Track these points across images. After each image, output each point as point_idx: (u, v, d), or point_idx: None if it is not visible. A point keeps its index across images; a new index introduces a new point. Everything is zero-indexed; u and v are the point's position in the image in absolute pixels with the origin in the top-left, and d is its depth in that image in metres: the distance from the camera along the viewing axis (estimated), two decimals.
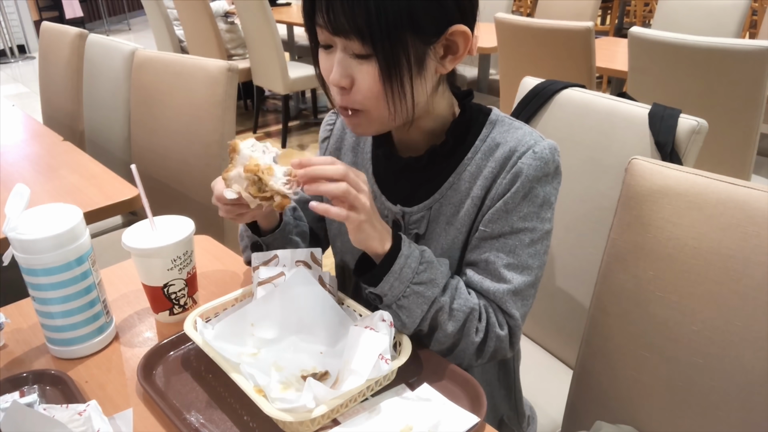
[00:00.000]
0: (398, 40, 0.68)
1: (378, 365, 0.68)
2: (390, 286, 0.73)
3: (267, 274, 0.81)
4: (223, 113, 1.51)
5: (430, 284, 0.74)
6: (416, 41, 0.69)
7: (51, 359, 0.83)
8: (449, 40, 0.72)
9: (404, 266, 0.72)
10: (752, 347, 0.71)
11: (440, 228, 0.82)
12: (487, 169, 0.79)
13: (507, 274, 0.77)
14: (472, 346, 0.77)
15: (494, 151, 0.79)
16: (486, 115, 0.82)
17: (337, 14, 0.67)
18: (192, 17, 3.93)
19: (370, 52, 0.68)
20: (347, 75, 0.71)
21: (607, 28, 5.82)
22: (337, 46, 0.71)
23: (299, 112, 4.71)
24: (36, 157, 1.58)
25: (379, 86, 0.70)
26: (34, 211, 0.79)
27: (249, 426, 0.69)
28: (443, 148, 0.80)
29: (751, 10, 4.34)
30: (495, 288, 0.77)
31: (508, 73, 2.66)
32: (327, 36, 0.71)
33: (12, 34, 7.46)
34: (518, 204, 0.76)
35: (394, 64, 0.69)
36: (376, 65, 0.69)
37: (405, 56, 0.69)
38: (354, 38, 0.68)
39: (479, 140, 0.80)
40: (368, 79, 0.70)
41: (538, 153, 0.76)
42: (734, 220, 0.72)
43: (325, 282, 0.81)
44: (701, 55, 1.82)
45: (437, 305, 0.74)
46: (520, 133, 0.79)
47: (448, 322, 0.75)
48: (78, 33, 2.08)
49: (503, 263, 0.77)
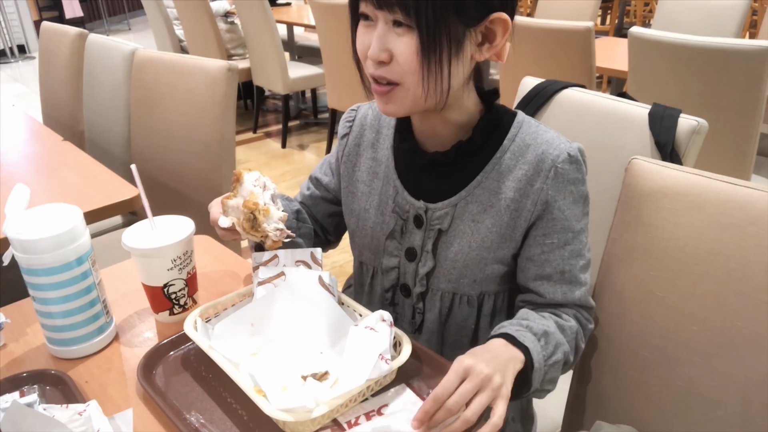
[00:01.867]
0: (441, 16, 0.69)
1: (378, 365, 0.68)
2: (538, 380, 0.74)
3: (267, 274, 0.81)
4: (223, 113, 1.50)
5: (556, 350, 0.76)
6: (457, 22, 0.70)
7: (51, 359, 0.83)
8: (488, 28, 0.73)
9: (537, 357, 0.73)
10: (752, 347, 0.71)
11: (465, 225, 0.82)
12: (518, 171, 0.79)
13: (583, 277, 0.82)
14: (580, 354, 0.84)
15: (524, 153, 0.80)
16: (513, 116, 0.83)
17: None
18: (192, 17, 3.93)
19: (413, 24, 0.69)
20: (386, 49, 0.72)
21: (607, 28, 5.82)
22: (378, 20, 0.72)
23: (299, 112, 4.71)
24: (36, 157, 1.58)
25: (417, 60, 0.71)
26: (34, 211, 0.79)
27: (249, 426, 0.69)
28: (470, 144, 0.81)
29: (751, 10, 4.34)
30: (579, 294, 0.82)
31: (508, 73, 2.66)
32: (371, 8, 0.72)
33: (12, 34, 7.46)
34: (571, 209, 0.79)
35: (434, 40, 0.70)
36: (417, 39, 0.70)
37: (446, 34, 0.70)
38: (398, 10, 0.69)
39: (507, 140, 0.81)
40: (407, 52, 0.71)
41: (573, 157, 0.78)
42: (734, 220, 0.72)
43: (325, 282, 0.81)
44: (701, 55, 1.82)
45: (566, 356, 0.78)
46: (549, 136, 0.80)
47: (572, 357, 0.80)
48: (78, 33, 2.08)
49: (578, 268, 0.81)
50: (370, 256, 0.92)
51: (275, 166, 3.64)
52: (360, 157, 0.92)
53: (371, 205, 0.90)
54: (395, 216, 0.87)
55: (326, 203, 0.99)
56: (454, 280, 0.84)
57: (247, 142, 4.08)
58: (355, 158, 0.93)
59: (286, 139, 3.97)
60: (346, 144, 0.95)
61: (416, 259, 0.86)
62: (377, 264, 0.92)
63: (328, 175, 0.98)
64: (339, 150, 0.96)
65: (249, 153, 3.87)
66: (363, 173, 0.92)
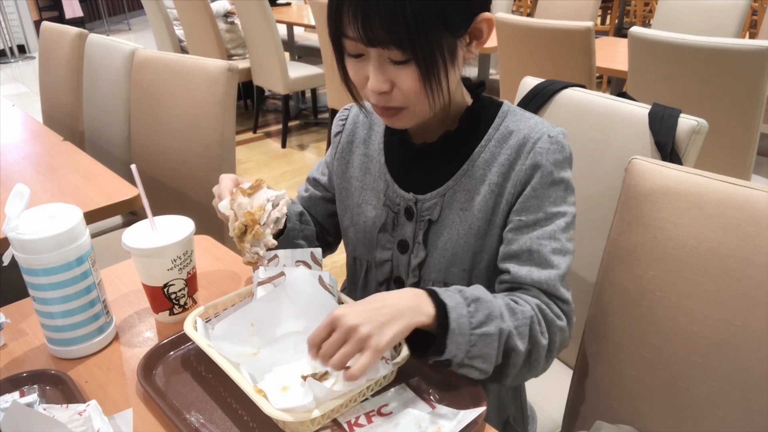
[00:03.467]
0: (434, 42, 0.70)
1: (378, 365, 0.67)
2: (456, 345, 0.68)
3: (267, 274, 0.81)
4: (223, 113, 1.51)
5: (488, 320, 0.70)
6: (448, 37, 0.71)
7: (51, 359, 0.83)
8: (475, 27, 0.75)
9: (459, 319, 0.68)
10: (752, 347, 0.71)
11: (454, 214, 0.83)
12: (502, 156, 0.80)
13: (554, 259, 0.77)
14: (543, 351, 0.75)
15: (508, 139, 0.81)
16: (498, 106, 0.85)
17: (375, 28, 0.68)
18: (192, 17, 3.93)
19: (409, 58, 0.70)
20: (387, 80, 0.73)
21: (607, 28, 5.82)
22: (370, 55, 0.72)
23: (299, 112, 4.71)
24: (36, 157, 1.58)
25: (419, 85, 0.72)
26: (34, 211, 0.79)
27: (249, 426, 0.69)
28: (457, 133, 0.82)
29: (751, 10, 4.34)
30: (546, 276, 0.76)
31: (508, 73, 2.66)
32: (359, 47, 0.72)
33: (12, 34, 7.46)
34: (547, 189, 0.78)
35: (432, 64, 0.71)
36: (416, 68, 0.71)
37: (441, 54, 0.71)
38: (392, 47, 0.69)
39: (492, 128, 0.82)
40: (409, 81, 0.72)
41: (553, 137, 0.78)
42: (734, 220, 0.72)
43: (325, 282, 0.81)
44: (701, 55, 1.82)
45: (504, 334, 0.71)
46: (533, 121, 0.81)
47: (518, 343, 0.72)
48: (78, 33, 2.08)
49: (549, 249, 0.77)
50: (363, 251, 0.93)
51: (275, 166, 3.64)
52: (353, 154, 0.94)
53: (364, 200, 0.91)
54: (387, 209, 0.88)
55: (326, 203, 0.99)
56: (444, 270, 0.85)
57: (247, 142, 4.08)
58: (348, 155, 0.94)
59: (286, 139, 3.97)
60: (339, 142, 0.96)
61: (408, 250, 0.87)
62: (371, 258, 0.92)
63: (325, 175, 0.99)
64: (333, 148, 0.97)
65: (249, 153, 3.87)
66: (356, 169, 0.93)
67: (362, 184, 0.92)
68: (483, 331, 0.69)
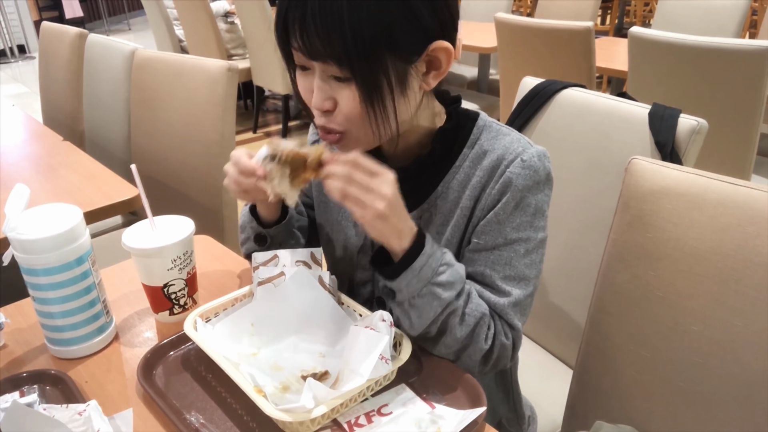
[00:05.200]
0: (377, 62, 0.66)
1: (378, 365, 0.68)
2: (407, 282, 0.70)
3: (267, 274, 0.81)
4: (223, 113, 1.51)
5: (447, 286, 0.71)
6: (396, 61, 0.67)
7: (51, 359, 0.83)
8: (431, 56, 0.70)
9: (425, 265, 0.70)
10: (752, 347, 0.71)
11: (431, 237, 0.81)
12: (475, 179, 0.78)
13: (505, 287, 0.76)
14: (479, 353, 0.75)
15: (482, 160, 0.78)
16: (473, 121, 0.80)
17: (312, 39, 0.65)
18: (192, 17, 3.93)
19: (349, 76, 0.67)
20: (329, 97, 0.70)
21: (607, 28, 5.82)
22: (315, 69, 0.69)
23: (299, 112, 4.70)
24: (36, 157, 1.58)
25: (360, 109, 0.69)
26: (34, 211, 0.79)
27: (249, 426, 0.69)
28: (430, 157, 0.79)
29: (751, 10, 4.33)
30: (495, 300, 0.76)
31: (508, 73, 2.66)
32: (303, 59, 0.69)
33: (12, 34, 7.46)
34: (510, 215, 0.75)
35: (374, 87, 0.67)
36: (356, 89, 0.67)
37: (386, 77, 0.67)
38: (331, 62, 0.66)
39: (467, 147, 0.79)
40: (349, 103, 0.69)
41: (526, 161, 0.74)
42: (734, 220, 0.72)
43: (325, 282, 0.81)
44: (701, 55, 1.82)
45: (450, 308, 0.72)
46: (507, 140, 0.78)
47: (458, 327, 0.73)
48: (78, 33, 2.08)
49: (500, 276, 0.76)
50: (344, 267, 0.91)
51: None
52: None
53: (343, 217, 0.89)
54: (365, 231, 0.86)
55: (309, 209, 0.98)
56: None
57: (247, 142, 4.08)
58: None
59: (286, 139, 3.96)
60: None
61: None
62: (351, 277, 0.91)
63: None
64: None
65: None
66: None
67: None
68: (436, 291, 0.71)
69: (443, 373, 0.75)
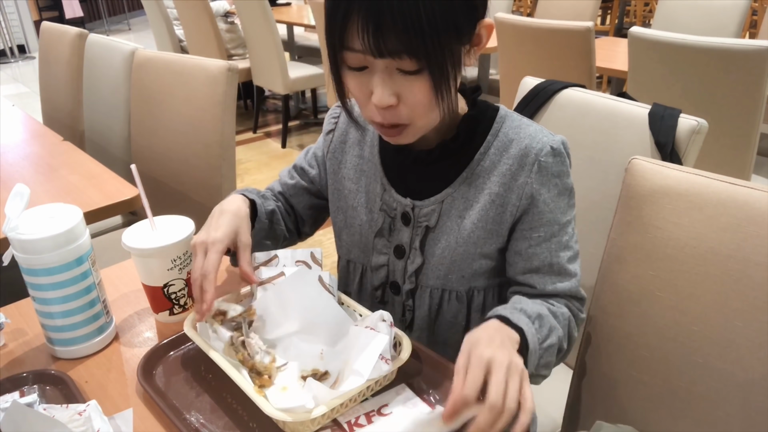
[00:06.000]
0: (448, 50, 0.68)
1: (378, 365, 0.68)
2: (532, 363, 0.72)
3: (267, 274, 0.81)
4: (223, 113, 1.50)
5: (550, 333, 0.76)
6: (456, 44, 0.70)
7: (51, 359, 0.83)
8: (476, 34, 0.74)
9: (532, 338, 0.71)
10: (752, 347, 0.71)
11: (452, 222, 0.83)
12: (503, 166, 0.80)
13: (570, 268, 0.82)
14: (574, 343, 0.83)
15: (508, 148, 0.81)
16: (495, 111, 0.84)
17: (387, 37, 0.65)
18: (192, 17, 3.93)
19: (422, 67, 0.68)
20: (394, 93, 0.70)
21: (607, 28, 5.82)
22: (375, 67, 0.69)
23: (299, 112, 4.71)
24: (36, 157, 1.58)
25: (430, 97, 0.71)
26: (34, 211, 0.79)
27: (249, 426, 0.69)
28: (454, 142, 0.82)
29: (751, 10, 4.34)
30: (570, 285, 0.82)
31: (508, 73, 2.66)
32: (363, 59, 0.69)
33: (12, 34, 7.46)
34: (555, 202, 0.80)
35: (444, 74, 0.69)
36: (428, 78, 0.69)
37: (450, 62, 0.69)
38: (405, 57, 0.66)
39: (491, 135, 0.82)
40: (419, 93, 0.70)
41: (556, 149, 0.79)
42: (734, 220, 0.72)
43: (325, 282, 0.81)
44: (701, 55, 1.82)
45: (560, 341, 0.78)
46: (531, 130, 0.81)
47: (565, 343, 0.79)
48: (78, 33, 2.08)
49: (566, 260, 0.81)
50: (358, 254, 0.93)
51: (275, 166, 3.64)
52: (346, 155, 0.93)
53: (359, 203, 0.90)
54: (383, 214, 0.87)
55: (308, 195, 0.99)
56: (442, 276, 0.85)
57: (247, 142, 4.08)
58: (340, 155, 0.93)
59: (286, 139, 3.97)
60: (331, 141, 0.94)
61: (405, 256, 0.87)
62: (366, 262, 0.92)
63: (314, 168, 0.97)
64: (324, 146, 0.95)
65: (249, 153, 3.87)
66: (350, 170, 0.92)
67: (357, 186, 0.91)
68: (548, 344, 0.75)
69: (443, 373, 0.75)
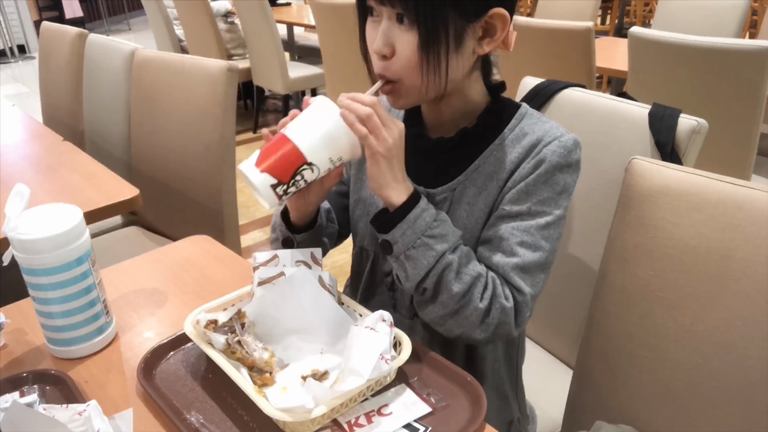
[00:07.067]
0: (440, 14, 0.71)
1: (378, 365, 0.68)
2: (402, 233, 0.75)
3: (267, 274, 0.81)
4: (223, 113, 1.51)
5: (441, 239, 0.75)
6: (457, 18, 0.73)
7: (51, 359, 0.83)
8: (488, 22, 0.75)
9: (419, 217, 0.75)
10: (752, 347, 0.71)
11: (461, 209, 0.84)
12: (512, 155, 0.81)
13: (518, 250, 0.78)
14: (476, 313, 0.76)
15: (521, 140, 0.82)
16: (516, 108, 0.85)
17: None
18: (192, 17, 3.93)
19: (413, 20, 0.72)
20: (389, 44, 0.75)
21: (607, 28, 5.82)
22: (382, 15, 0.75)
23: None
24: (36, 157, 1.58)
25: (416, 56, 0.74)
26: (34, 211, 0.79)
27: (249, 426, 0.69)
28: (474, 130, 0.83)
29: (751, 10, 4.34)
30: (504, 261, 0.78)
31: (508, 73, 2.65)
32: (375, 2, 0.75)
33: (12, 34, 7.46)
34: (539, 187, 0.78)
35: (433, 36, 0.72)
36: (416, 34, 0.73)
37: (444, 30, 0.72)
38: (398, 5, 0.72)
39: (508, 129, 0.83)
40: (408, 48, 0.74)
41: (563, 142, 0.79)
42: (734, 220, 0.72)
43: (325, 282, 0.81)
44: (701, 55, 1.82)
45: (445, 261, 0.75)
46: (548, 125, 0.82)
47: (454, 282, 0.75)
48: (78, 33, 2.08)
49: (517, 240, 0.78)
50: (371, 241, 0.93)
51: None
52: None
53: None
54: None
55: (342, 197, 0.99)
56: None
57: (247, 142, 4.08)
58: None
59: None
60: None
61: None
62: (378, 249, 0.92)
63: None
64: None
65: (249, 153, 3.81)
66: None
67: None
68: (429, 243, 0.75)
69: (443, 373, 0.75)
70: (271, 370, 0.73)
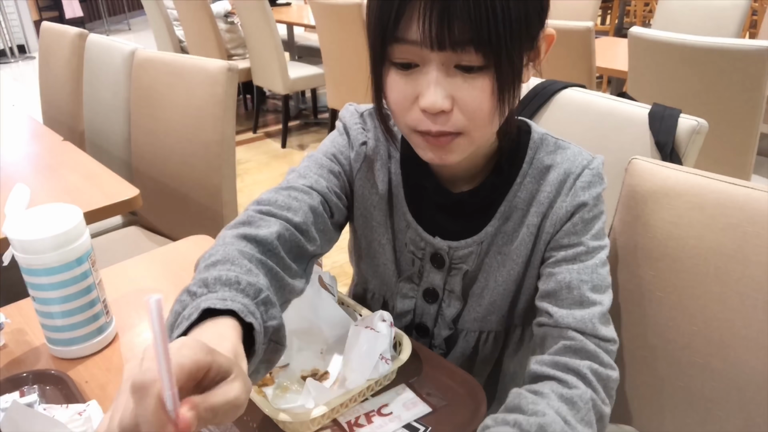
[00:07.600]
0: (518, 48, 0.59)
1: (378, 365, 0.68)
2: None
3: None
4: (223, 113, 1.50)
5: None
6: (523, 46, 0.61)
7: (51, 359, 0.83)
8: (537, 43, 0.65)
9: None
10: (752, 347, 0.71)
11: (491, 259, 0.76)
12: (542, 194, 0.73)
13: (594, 297, 0.69)
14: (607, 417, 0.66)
15: (545, 175, 0.73)
16: (528, 134, 0.75)
17: (453, 23, 0.56)
18: (192, 17, 3.93)
19: (488, 64, 0.59)
20: (449, 96, 0.60)
21: (607, 28, 5.82)
22: (429, 64, 0.60)
23: (299, 112, 4.71)
24: (36, 157, 1.58)
25: (491, 102, 0.61)
26: (34, 211, 0.79)
27: (249, 426, 0.69)
28: (499, 178, 0.73)
29: (751, 10, 4.34)
30: (587, 316, 0.67)
31: None
32: (416, 53, 0.60)
33: (12, 34, 7.46)
34: (588, 224, 0.71)
35: (510, 76, 0.60)
36: (492, 78, 0.59)
37: (519, 63, 0.61)
38: (471, 49, 0.57)
39: (526, 163, 0.74)
40: (480, 96, 0.60)
41: (594, 170, 0.72)
42: (734, 220, 0.72)
43: (324, 282, 0.81)
44: (701, 55, 1.82)
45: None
46: (569, 153, 0.74)
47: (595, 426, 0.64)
48: (78, 33, 2.08)
49: (589, 287, 0.69)
50: (379, 286, 0.87)
51: (275, 166, 3.64)
52: (377, 178, 0.79)
53: (387, 240, 0.82)
54: (411, 255, 0.80)
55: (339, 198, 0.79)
56: (480, 319, 0.80)
57: (247, 142, 4.08)
58: (371, 176, 0.79)
59: (286, 139, 3.97)
60: (364, 155, 0.79)
61: (438, 299, 0.82)
62: (387, 297, 0.87)
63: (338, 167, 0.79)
64: (356, 159, 0.79)
65: (249, 153, 3.87)
66: (379, 199, 0.80)
67: (385, 219, 0.81)
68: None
69: (443, 373, 0.75)
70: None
